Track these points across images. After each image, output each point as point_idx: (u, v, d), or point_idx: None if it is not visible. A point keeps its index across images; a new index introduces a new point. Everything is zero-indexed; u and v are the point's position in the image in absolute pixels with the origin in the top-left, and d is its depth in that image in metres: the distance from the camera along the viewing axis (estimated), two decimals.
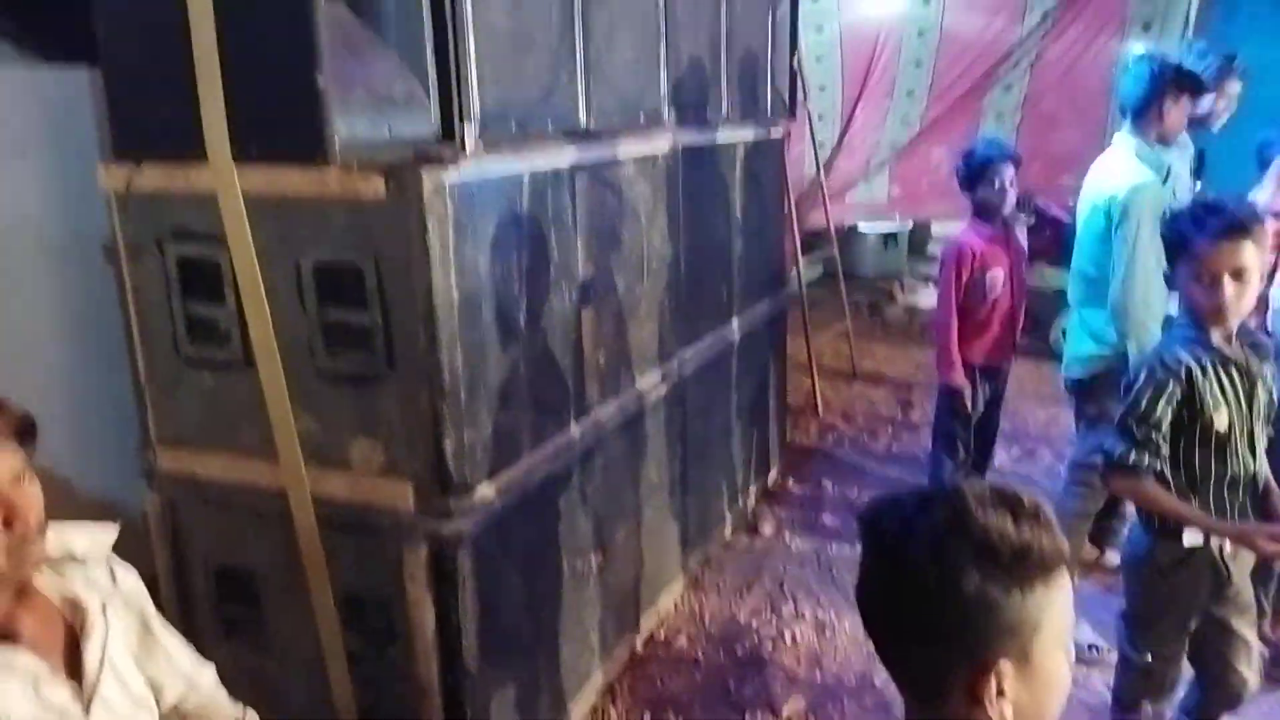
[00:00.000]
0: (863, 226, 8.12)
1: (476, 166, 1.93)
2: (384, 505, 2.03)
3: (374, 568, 2.07)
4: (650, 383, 2.80)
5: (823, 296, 6.06)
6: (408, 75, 1.77)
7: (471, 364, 1.99)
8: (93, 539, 1.46)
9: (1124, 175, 2.74)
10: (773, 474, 4.10)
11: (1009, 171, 3.16)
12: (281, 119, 1.60)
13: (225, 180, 1.74)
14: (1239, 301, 1.83)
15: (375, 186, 1.82)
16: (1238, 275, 1.81)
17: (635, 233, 2.64)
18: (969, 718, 0.93)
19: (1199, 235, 1.82)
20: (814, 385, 5.04)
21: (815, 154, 5.99)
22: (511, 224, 2.08)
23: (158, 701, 1.43)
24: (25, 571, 1.28)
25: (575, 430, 2.41)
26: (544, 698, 2.35)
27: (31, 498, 1.27)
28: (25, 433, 1.29)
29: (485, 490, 2.06)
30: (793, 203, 5.03)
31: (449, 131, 1.84)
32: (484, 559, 2.07)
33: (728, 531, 3.58)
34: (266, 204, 1.90)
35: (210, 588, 2.30)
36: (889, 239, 8.55)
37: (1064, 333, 5.06)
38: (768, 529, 3.63)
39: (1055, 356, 5.43)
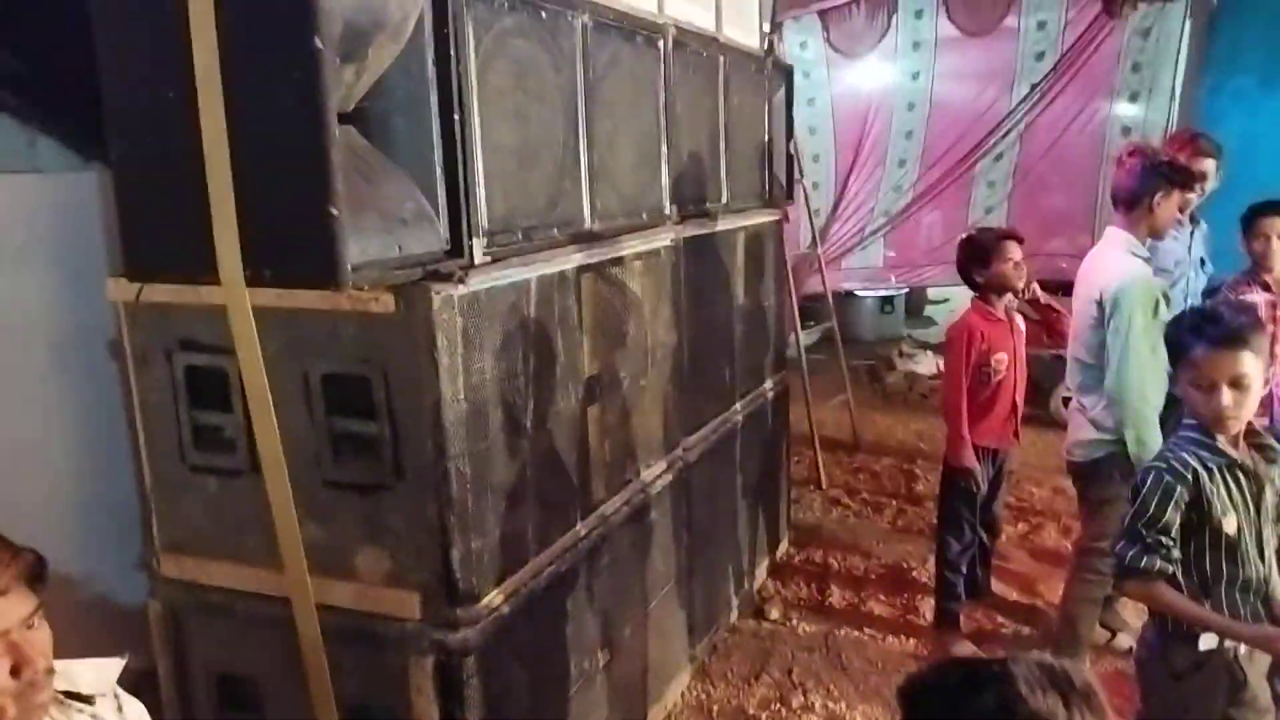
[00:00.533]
0: (859, 291, 8.20)
1: (484, 277, 1.96)
2: (390, 615, 2.02)
3: (379, 678, 2.04)
4: (655, 473, 2.80)
5: (822, 364, 6.08)
6: (417, 194, 1.80)
7: (479, 472, 1.99)
8: (98, 673, 1.44)
9: (1116, 267, 2.78)
10: (779, 553, 4.07)
11: (1016, 250, 3.21)
12: (295, 244, 1.62)
13: (237, 301, 1.75)
14: (1238, 409, 1.84)
15: (385, 304, 1.85)
16: (1236, 384, 1.82)
17: (639, 326, 2.66)
18: None
19: (1197, 344, 1.84)
20: (816, 458, 5.03)
21: (811, 224, 6.07)
22: (518, 329, 2.10)
23: None
24: (34, 717, 1.26)
25: (581, 528, 2.40)
26: None
27: (40, 643, 1.26)
28: (36, 577, 1.28)
29: (492, 598, 2.05)
30: (790, 270, 5.08)
31: (457, 246, 1.86)
32: (490, 668, 2.04)
33: (734, 616, 3.54)
34: (277, 315, 1.92)
35: (212, 694, 2.27)
36: (886, 303, 8.63)
37: (1064, 401, 5.07)
38: (775, 613, 3.59)
39: (1058, 425, 5.45)
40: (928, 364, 6.87)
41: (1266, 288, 3.30)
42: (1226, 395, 1.82)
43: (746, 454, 3.62)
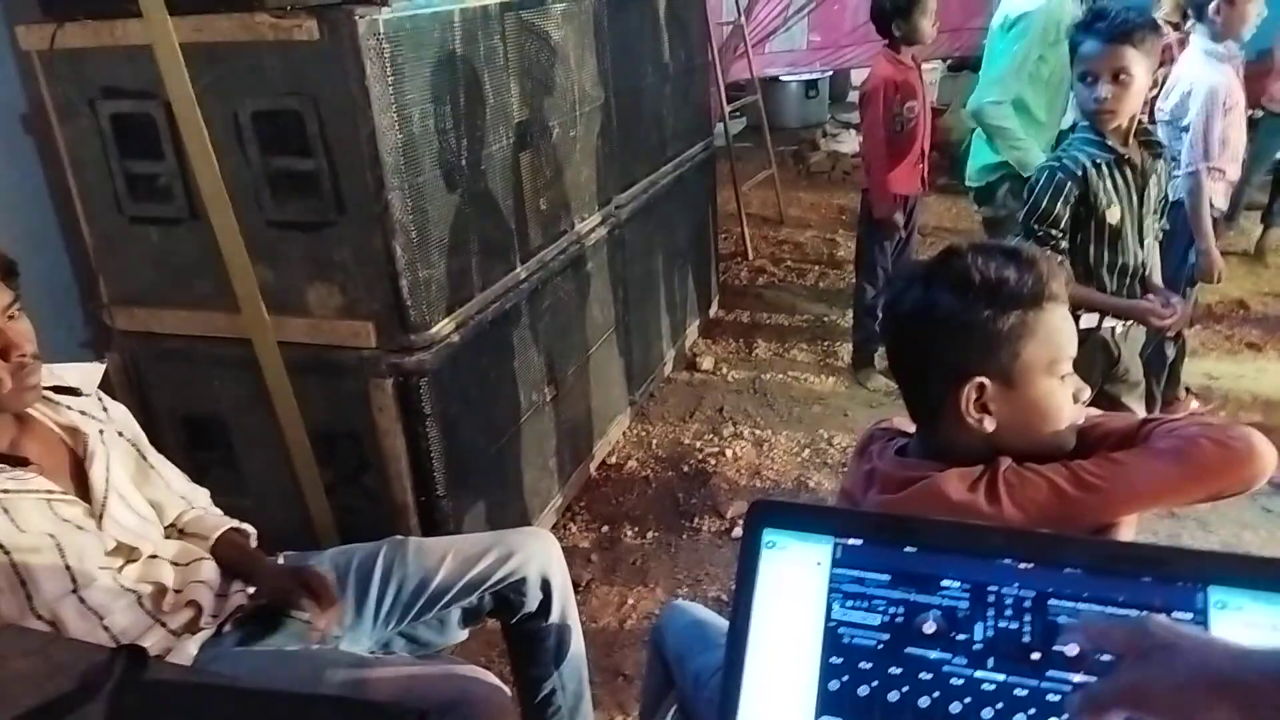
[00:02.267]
0: (784, 76, 8.13)
1: (407, 4, 1.96)
2: (346, 345, 2.14)
3: (342, 404, 2.19)
4: (590, 225, 2.91)
5: (748, 148, 6.13)
6: None
7: (419, 205, 2.06)
8: (83, 374, 1.55)
9: None
10: (709, 313, 4.29)
11: (934, 3, 3.25)
12: None
13: (160, 32, 1.74)
14: (1117, 103, 1.98)
15: (309, 30, 1.85)
16: (1116, 77, 1.96)
17: (566, 76, 2.69)
18: (958, 434, 1.10)
19: (1086, 38, 1.97)
20: (744, 232, 5.19)
21: (736, 2, 5.95)
22: (446, 64, 2.12)
23: (160, 519, 1.56)
24: (28, 398, 1.37)
25: (522, 271, 2.52)
26: (510, 516, 2.56)
27: (23, 330, 1.35)
28: (8, 271, 1.36)
29: (443, 326, 2.19)
30: (715, 53, 5.03)
31: None
32: (446, 390, 2.21)
33: (669, 369, 3.79)
34: (198, 52, 1.91)
35: (180, 437, 2.40)
36: (810, 88, 8.58)
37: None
38: (707, 364, 3.84)
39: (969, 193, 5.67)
40: (851, 143, 6.97)
41: (1175, 27, 3.45)
42: (1105, 88, 1.96)
43: (677, 216, 3.74)
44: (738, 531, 2.74)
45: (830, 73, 8.40)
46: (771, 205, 5.82)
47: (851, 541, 0.79)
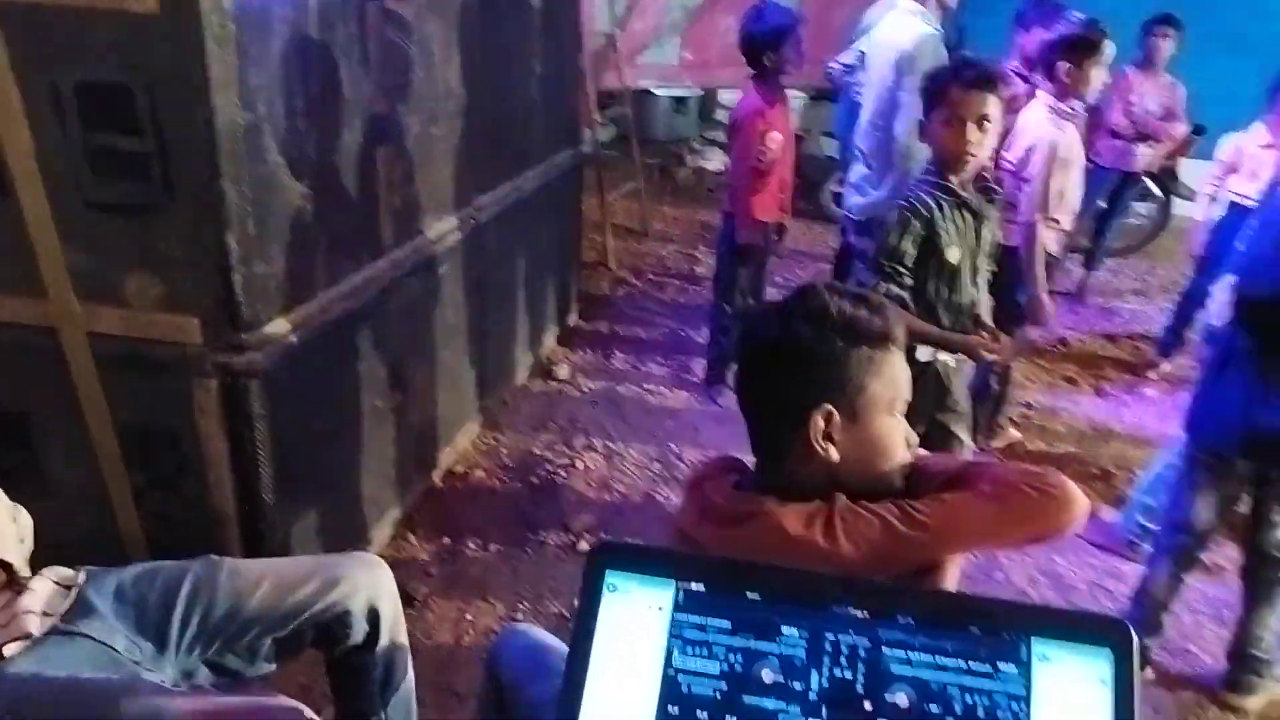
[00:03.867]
0: (655, 89, 8.21)
1: None
2: (168, 340, 1.97)
3: (160, 402, 2.02)
4: (447, 228, 2.82)
5: (616, 158, 6.14)
6: None
7: (259, 195, 1.93)
8: None
9: (909, 32, 3.05)
10: (567, 322, 4.25)
11: (801, 37, 3.34)
12: None
13: None
14: (978, 148, 2.11)
15: (146, 3, 1.70)
16: (980, 123, 2.08)
17: (429, 71, 2.59)
18: (802, 464, 1.12)
19: (954, 83, 2.07)
20: (607, 242, 5.18)
21: (611, 12, 5.94)
22: (299, 51, 2.00)
23: None
24: None
25: (370, 271, 2.41)
26: (344, 527, 2.43)
27: None
28: None
29: (279, 325, 2.05)
30: (587, 61, 5.01)
31: None
32: (280, 393, 2.07)
33: (524, 376, 3.72)
34: (13, 15, 1.72)
35: None
36: (679, 103, 8.70)
37: (834, 196, 5.46)
38: (563, 373, 3.80)
39: (826, 219, 5.90)
40: (717, 160, 7.10)
41: (1024, 79, 3.69)
42: (973, 131, 2.08)
43: (540, 223, 3.69)
44: (583, 545, 2.71)
45: (700, 91, 8.54)
46: (636, 217, 5.85)
47: (694, 586, 0.77)
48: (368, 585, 1.55)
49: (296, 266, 2.10)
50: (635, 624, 0.76)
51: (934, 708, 0.71)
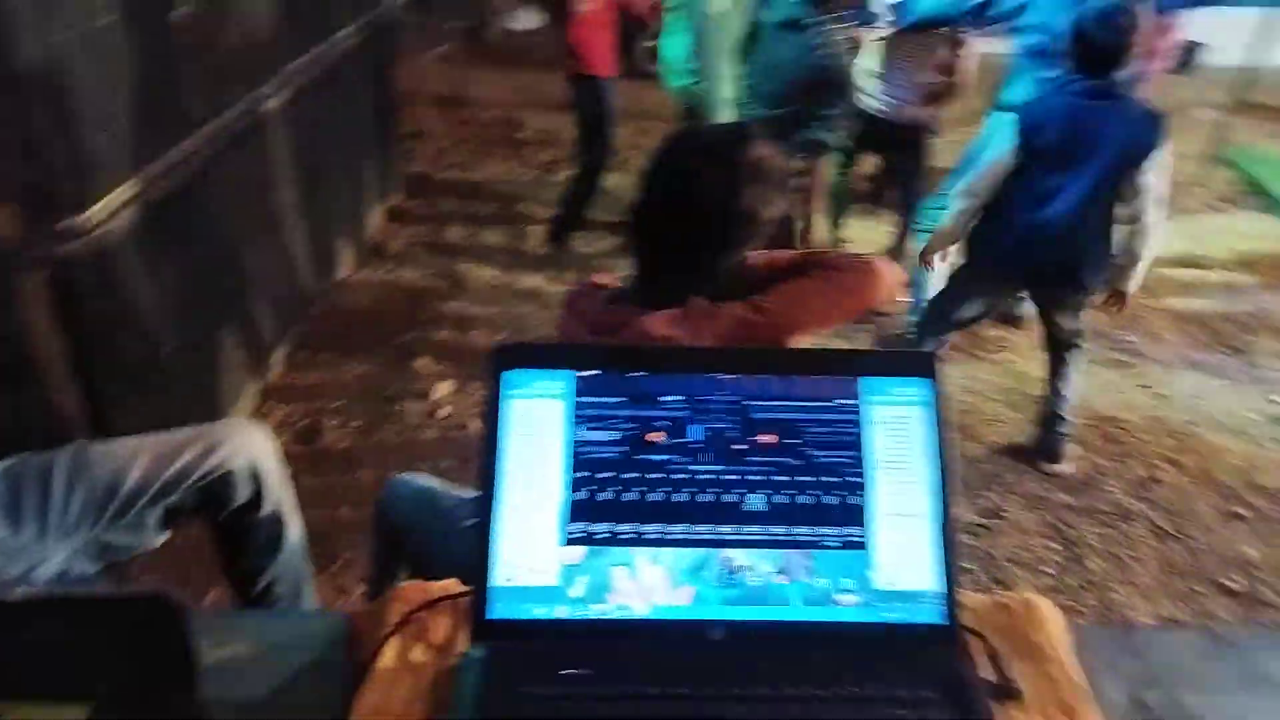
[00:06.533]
0: None
1: None
2: None
3: None
4: (264, 93, 2.70)
5: (417, 23, 5.87)
6: None
7: (60, 75, 1.80)
8: None
9: None
10: (395, 200, 4.16)
11: None
12: None
13: None
14: None
15: None
16: None
17: None
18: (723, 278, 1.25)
19: None
20: (424, 113, 5.03)
21: None
22: None
23: None
24: None
25: (189, 145, 2.29)
26: (198, 409, 2.40)
27: None
28: None
29: (99, 211, 1.95)
30: None
31: None
32: (109, 280, 2.00)
33: (355, 257, 3.65)
34: None
35: None
36: None
37: (647, 51, 5.47)
38: (396, 246, 3.76)
39: (639, 73, 5.89)
40: (526, 19, 6.91)
41: None
42: None
43: (354, 92, 3.55)
44: (442, 412, 2.79)
45: None
46: (449, 81, 5.66)
47: (587, 373, 0.89)
48: (247, 447, 1.57)
49: (110, 147, 1.98)
50: (540, 412, 0.88)
51: (793, 441, 0.87)
